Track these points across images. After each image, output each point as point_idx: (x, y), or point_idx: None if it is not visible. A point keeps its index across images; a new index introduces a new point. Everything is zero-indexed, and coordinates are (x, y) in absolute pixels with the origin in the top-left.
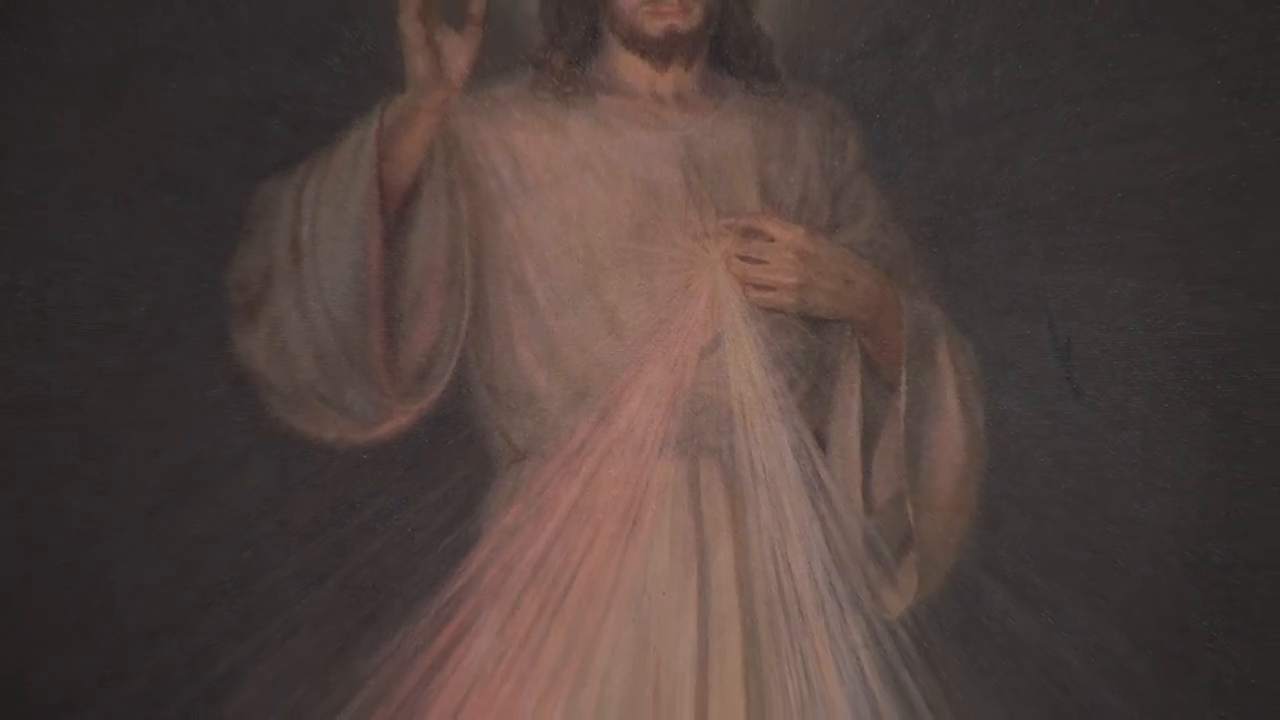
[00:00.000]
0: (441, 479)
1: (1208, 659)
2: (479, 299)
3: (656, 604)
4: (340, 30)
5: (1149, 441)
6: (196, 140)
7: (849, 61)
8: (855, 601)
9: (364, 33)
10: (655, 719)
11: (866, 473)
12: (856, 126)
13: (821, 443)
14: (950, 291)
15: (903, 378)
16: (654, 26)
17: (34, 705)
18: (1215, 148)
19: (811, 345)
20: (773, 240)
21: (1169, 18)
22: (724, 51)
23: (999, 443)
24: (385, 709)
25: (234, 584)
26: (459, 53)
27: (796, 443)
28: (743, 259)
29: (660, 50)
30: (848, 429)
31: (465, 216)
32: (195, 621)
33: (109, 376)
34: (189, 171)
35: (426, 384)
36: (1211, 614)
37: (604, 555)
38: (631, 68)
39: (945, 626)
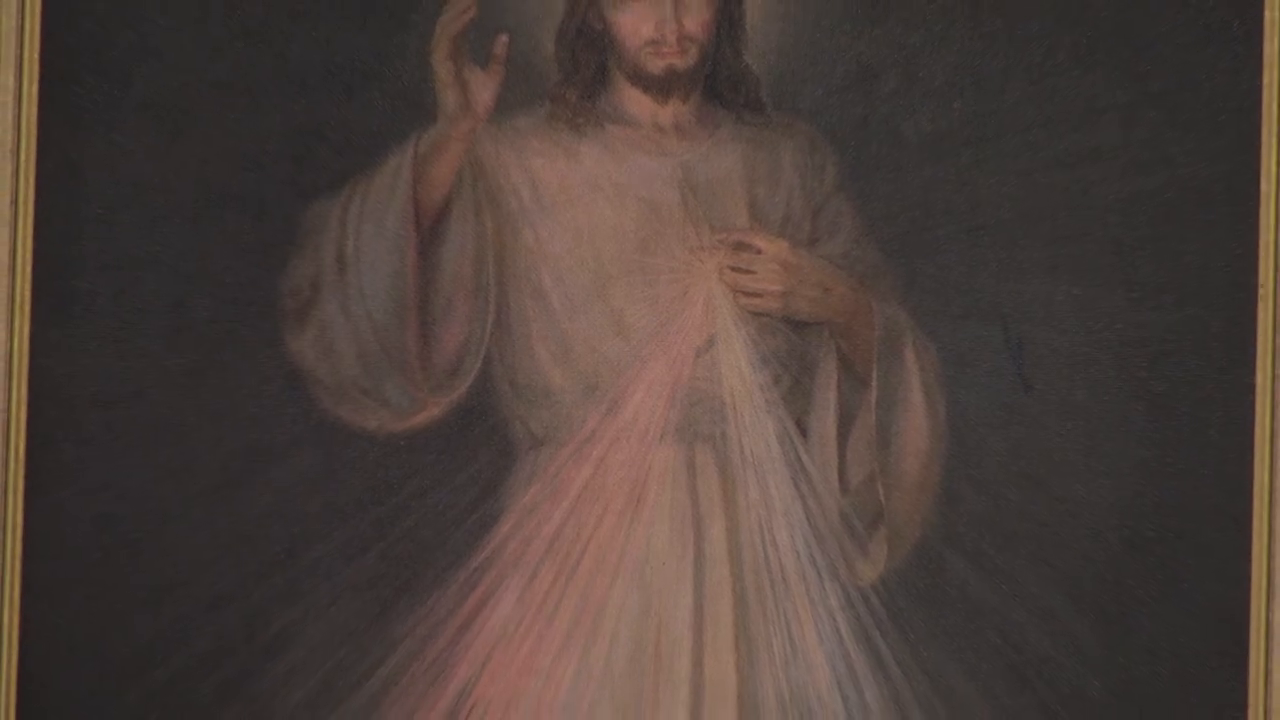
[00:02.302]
0: (468, 463)
1: (1143, 621)
2: (501, 304)
3: (658, 573)
4: (381, 69)
5: (1091, 430)
6: (254, 165)
7: (827, 96)
8: (833, 570)
9: (401, 71)
10: (657, 674)
11: (842, 457)
12: (834, 153)
13: (803, 431)
14: (916, 298)
15: (874, 374)
16: (655, 65)
17: (113, 664)
18: (1150, 172)
19: (794, 345)
20: (760, 253)
21: (1109, 57)
22: (717, 87)
23: (959, 431)
24: (419, 665)
25: (286, 556)
26: (484, 88)
27: (781, 431)
28: (734, 269)
29: (661, 86)
30: (826, 419)
31: (490, 232)
32: (252, 589)
33: (176, 373)
34: (247, 192)
35: (456, 379)
36: (1146, 582)
37: (611, 530)
38: (636, 101)
39: (912, 593)
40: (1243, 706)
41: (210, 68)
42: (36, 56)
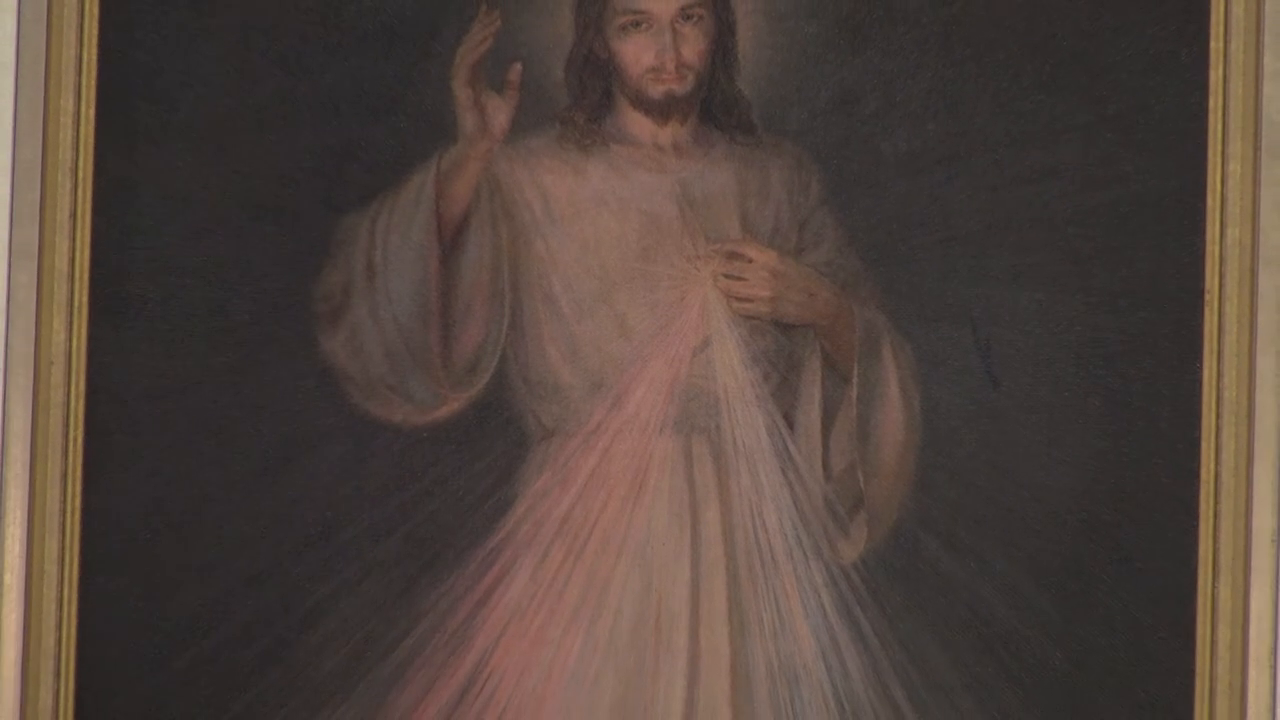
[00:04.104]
0: (485, 452)
1: (1099, 597)
2: (516, 308)
3: (658, 553)
4: (405, 94)
5: (1053, 423)
6: (290, 181)
7: (812, 118)
8: (817, 550)
9: (424, 96)
10: (657, 645)
11: (826, 447)
12: (818, 170)
13: (790, 423)
14: (893, 302)
15: (855, 371)
16: (655, 90)
17: (165, 635)
18: (1106, 187)
19: (782, 345)
20: (751, 261)
21: (1069, 83)
22: (712, 110)
23: (932, 423)
24: (440, 637)
25: (319, 537)
26: (500, 111)
27: (770, 423)
28: (727, 276)
29: (661, 109)
30: (811, 412)
31: (505, 242)
32: (288, 567)
33: (219, 371)
34: (284, 206)
35: (474, 376)
36: (1102, 562)
37: (616, 514)
38: (638, 123)
39: (889, 571)
40: (1191, 674)
41: (250, 93)
42: (93, 83)
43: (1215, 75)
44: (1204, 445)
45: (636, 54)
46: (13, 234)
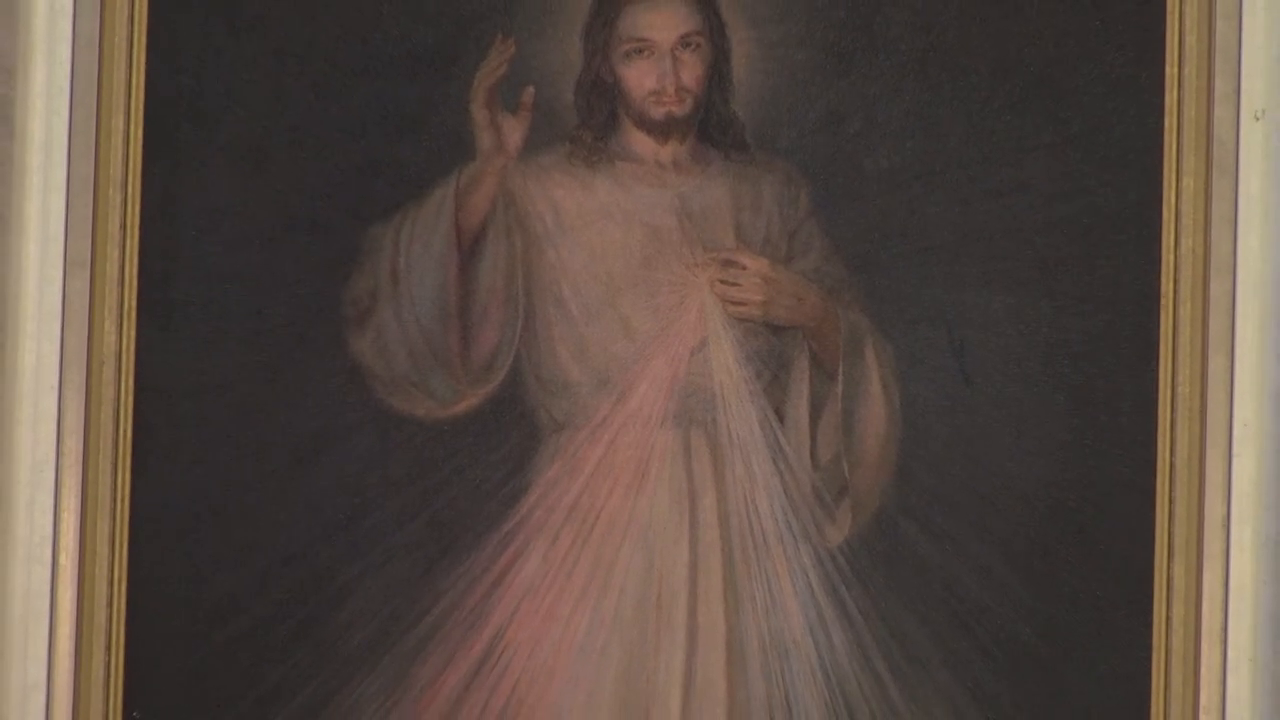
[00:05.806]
0: (501, 444)
1: (1064, 576)
2: (529, 311)
3: (659, 537)
4: (427, 115)
5: (1021, 417)
6: (321, 195)
7: (801, 137)
8: (806, 534)
9: (445, 117)
10: (658, 621)
11: (813, 439)
12: (806, 185)
13: (780, 417)
14: (875, 306)
15: (840, 369)
16: (657, 112)
17: (206, 612)
18: (1070, 200)
19: (773, 346)
20: (745, 269)
21: (1036, 105)
22: (708, 130)
23: (910, 417)
24: (459, 614)
25: (347, 522)
26: (514, 131)
27: (762, 417)
28: (723, 282)
29: (661, 129)
30: (800, 407)
31: (519, 251)
32: (318, 550)
33: (256, 369)
34: (316, 218)
35: (490, 374)
36: (1068, 544)
37: (620, 501)
38: (640, 142)
39: (872, 553)
40: (1148, 647)
41: (285, 114)
42: (141, 105)
43: (1170, 98)
44: (1160, 437)
45: (639, 78)
46: (68, 244)
